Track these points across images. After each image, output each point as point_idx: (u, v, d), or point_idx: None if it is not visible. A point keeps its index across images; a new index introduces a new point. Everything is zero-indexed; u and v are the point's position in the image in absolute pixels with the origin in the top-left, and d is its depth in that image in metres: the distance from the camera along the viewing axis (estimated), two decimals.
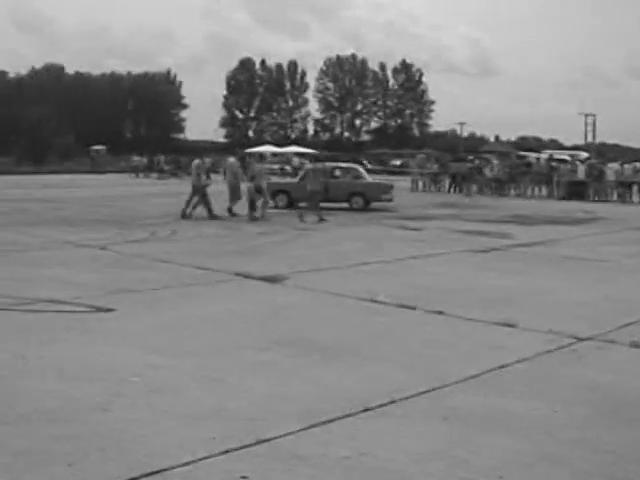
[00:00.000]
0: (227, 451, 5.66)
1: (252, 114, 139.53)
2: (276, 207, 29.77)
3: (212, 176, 27.73)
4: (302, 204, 27.11)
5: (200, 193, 25.67)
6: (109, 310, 10.57)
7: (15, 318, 10.22)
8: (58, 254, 16.67)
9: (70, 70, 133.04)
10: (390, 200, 31.26)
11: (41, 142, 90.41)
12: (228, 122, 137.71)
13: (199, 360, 8.09)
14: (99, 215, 26.88)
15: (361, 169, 34.89)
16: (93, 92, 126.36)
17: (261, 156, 31.81)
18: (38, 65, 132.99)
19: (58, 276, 13.52)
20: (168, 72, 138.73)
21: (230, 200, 26.53)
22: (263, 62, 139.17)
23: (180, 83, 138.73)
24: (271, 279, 13.20)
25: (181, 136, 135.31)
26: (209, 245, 18.37)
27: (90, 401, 6.72)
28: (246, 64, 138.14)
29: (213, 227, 22.64)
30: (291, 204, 30.18)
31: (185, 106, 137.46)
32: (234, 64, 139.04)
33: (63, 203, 33.44)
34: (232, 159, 29.50)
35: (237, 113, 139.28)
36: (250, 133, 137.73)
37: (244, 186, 26.42)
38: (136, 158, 73.25)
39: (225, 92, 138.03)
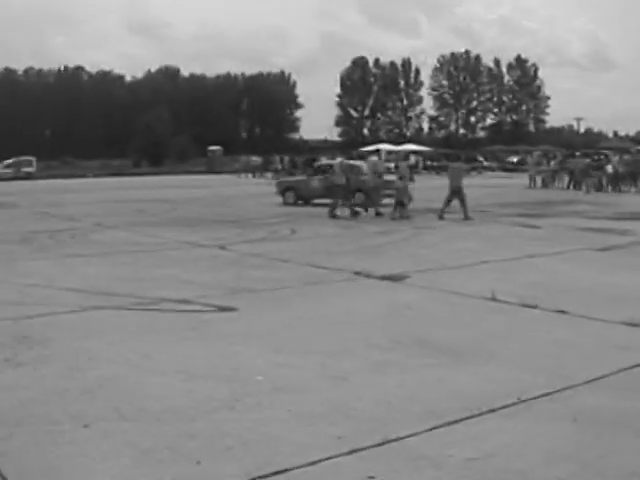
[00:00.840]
0: (353, 451, 5.63)
1: (366, 113, 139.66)
2: (286, 203, 32.90)
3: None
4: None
5: (343, 191, 25.83)
6: (231, 309, 10.69)
7: (140, 317, 10.43)
8: (178, 254, 16.99)
9: (185, 72, 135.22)
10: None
11: (158, 144, 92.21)
12: (343, 121, 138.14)
13: (322, 359, 8.08)
14: (217, 215, 27.26)
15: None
16: (208, 93, 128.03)
17: (407, 156, 31.60)
18: (154, 68, 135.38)
19: (179, 276, 13.77)
20: (282, 72, 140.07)
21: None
22: (377, 60, 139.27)
23: (294, 83, 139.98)
24: (391, 278, 13.14)
25: (296, 136, 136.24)
26: (328, 244, 18.39)
27: (216, 400, 6.79)
28: (359, 63, 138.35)
29: (332, 226, 22.74)
30: (298, 200, 32.85)
31: (300, 105, 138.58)
32: (348, 63, 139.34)
33: (181, 204, 34.07)
34: (375, 158, 29.47)
35: (352, 112, 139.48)
36: (365, 132, 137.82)
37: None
38: (253, 158, 73.89)
39: (339, 91, 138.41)
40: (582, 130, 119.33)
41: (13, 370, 7.87)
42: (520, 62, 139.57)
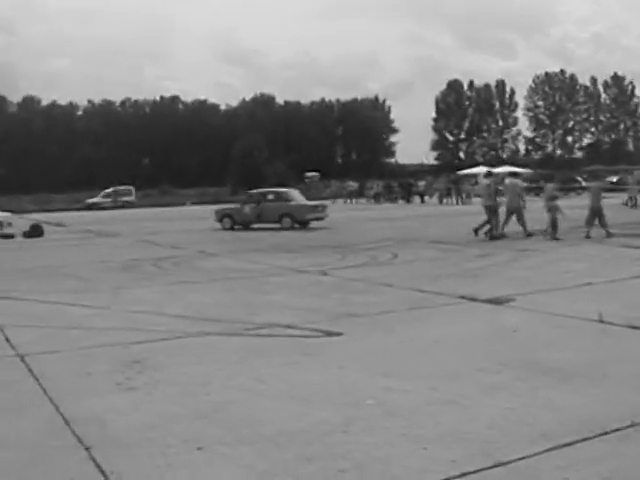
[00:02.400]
0: (466, 474, 5.62)
1: (462, 136, 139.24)
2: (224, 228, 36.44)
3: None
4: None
5: (493, 212, 25.76)
6: (338, 334, 10.75)
7: (248, 343, 10.59)
8: (282, 280, 17.17)
9: (280, 100, 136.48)
10: (320, 219, 36.09)
11: (254, 171, 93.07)
12: (439, 145, 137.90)
13: (431, 382, 8.07)
14: (316, 241, 27.41)
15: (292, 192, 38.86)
16: (303, 120, 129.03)
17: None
18: (248, 96, 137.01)
19: (284, 302, 13.92)
20: (376, 97, 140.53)
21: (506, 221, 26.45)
22: (471, 83, 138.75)
23: (389, 108, 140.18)
24: (495, 301, 13.04)
25: (392, 160, 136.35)
26: (430, 268, 18.29)
27: (329, 423, 6.85)
28: (454, 86, 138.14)
29: (433, 250, 22.63)
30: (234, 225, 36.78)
31: (395, 130, 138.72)
32: (442, 86, 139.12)
33: (279, 230, 34.30)
34: (512, 179, 29.29)
35: (447, 135, 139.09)
36: (461, 155, 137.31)
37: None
38: (350, 183, 74.18)
39: (434, 115, 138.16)
40: None
41: (126, 394, 8.06)
42: (617, 80, 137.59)
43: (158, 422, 7.08)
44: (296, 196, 38.30)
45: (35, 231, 36.08)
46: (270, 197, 37.16)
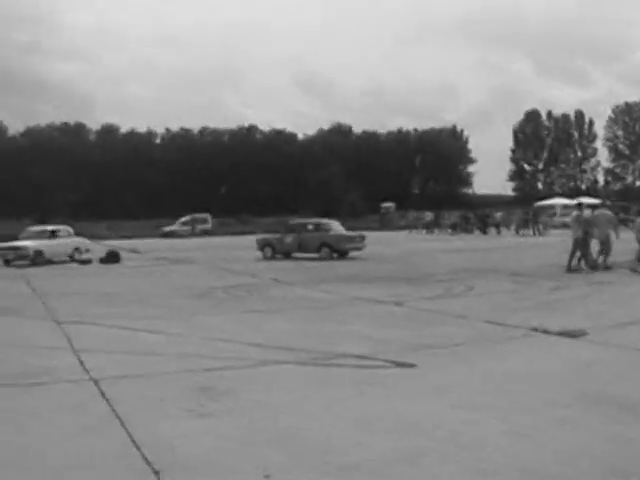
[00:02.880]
0: None
1: (540, 166, 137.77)
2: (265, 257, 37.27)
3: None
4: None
5: (581, 245, 25.56)
6: (410, 365, 10.71)
7: (320, 372, 10.62)
8: (355, 310, 17.19)
9: (357, 128, 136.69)
10: (358, 249, 36.57)
11: (331, 201, 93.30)
12: (516, 175, 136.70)
13: (504, 415, 8.00)
14: (391, 271, 27.38)
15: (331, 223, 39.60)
16: (380, 150, 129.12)
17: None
18: (325, 125, 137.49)
19: (357, 331, 13.94)
20: (454, 127, 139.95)
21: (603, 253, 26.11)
22: (549, 113, 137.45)
23: (467, 137, 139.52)
24: (569, 334, 12.83)
25: (469, 191, 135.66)
26: (505, 300, 18.09)
27: (397, 454, 6.84)
28: (532, 116, 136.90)
29: (507, 282, 22.41)
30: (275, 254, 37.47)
31: (472, 160, 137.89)
32: (520, 116, 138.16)
33: (354, 260, 34.32)
34: (602, 210, 29.01)
35: (525, 166, 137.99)
36: (539, 185, 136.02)
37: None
38: (427, 213, 73.99)
39: (512, 145, 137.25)
40: None
41: (198, 421, 8.15)
42: None
43: (228, 448, 7.15)
44: (335, 227, 38.86)
45: (111, 257, 36.67)
46: (310, 227, 37.80)
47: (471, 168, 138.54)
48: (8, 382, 10.17)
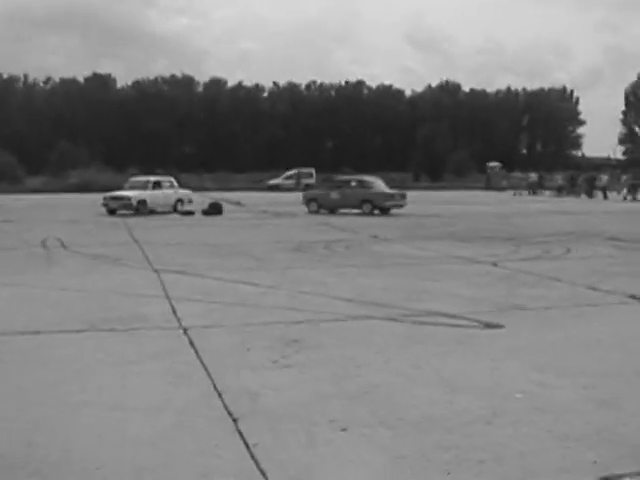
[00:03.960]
0: (607, 478, 5.46)
1: None
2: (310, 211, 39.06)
3: None
4: None
5: None
6: (498, 326, 10.64)
7: (408, 329, 10.62)
8: (450, 268, 17.13)
9: (466, 87, 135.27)
10: (399, 206, 37.95)
11: (437, 158, 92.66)
12: (627, 138, 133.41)
13: (587, 381, 7.88)
14: (491, 232, 27.10)
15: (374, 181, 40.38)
16: (488, 109, 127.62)
17: None
18: (434, 82, 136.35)
19: (449, 290, 13.90)
20: (564, 88, 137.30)
21: None
22: None
23: (577, 99, 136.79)
24: None
25: (578, 153, 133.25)
26: (604, 265, 17.67)
27: (473, 413, 6.82)
28: None
29: (608, 247, 21.92)
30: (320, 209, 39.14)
31: (582, 122, 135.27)
32: (633, 78, 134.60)
33: (456, 219, 34.14)
34: None
35: (636, 129, 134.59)
36: None
37: None
38: (532, 175, 72.79)
39: (623, 107, 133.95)
40: None
41: (280, 372, 8.28)
42: None
43: (308, 400, 7.24)
44: (378, 184, 39.97)
45: (214, 209, 37.11)
46: (353, 184, 39.32)
47: (580, 130, 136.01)
48: (106, 327, 10.54)
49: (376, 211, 37.47)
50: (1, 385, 7.83)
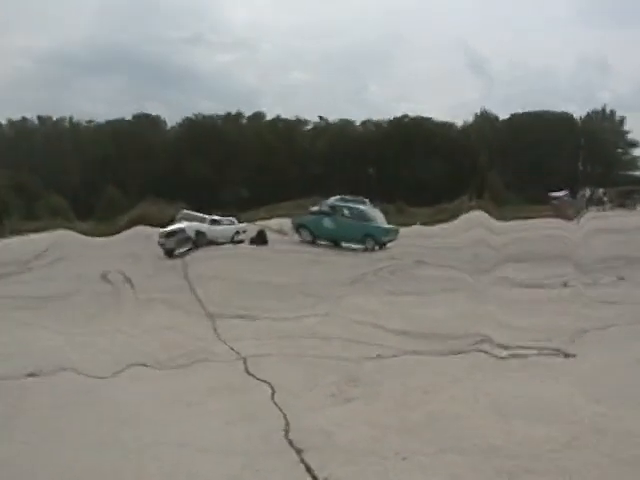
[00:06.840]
0: None
1: None
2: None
3: None
4: None
5: None
6: (564, 353, 10.50)
7: (468, 358, 10.54)
8: (502, 292, 16.82)
9: (504, 114, 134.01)
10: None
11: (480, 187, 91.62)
12: None
13: None
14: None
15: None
16: (535, 132, 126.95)
17: None
18: (484, 108, 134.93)
19: (499, 316, 13.55)
20: (603, 109, 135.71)
21: None
22: None
23: (622, 119, 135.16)
24: None
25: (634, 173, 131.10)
26: None
27: (535, 441, 6.82)
28: None
29: None
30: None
31: (632, 143, 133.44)
32: None
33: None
34: None
35: None
36: None
37: None
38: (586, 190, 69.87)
39: None
40: None
41: (341, 407, 8.29)
42: None
43: (372, 435, 7.23)
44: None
45: (260, 238, 37.38)
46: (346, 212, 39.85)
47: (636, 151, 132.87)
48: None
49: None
50: (86, 430, 7.87)
